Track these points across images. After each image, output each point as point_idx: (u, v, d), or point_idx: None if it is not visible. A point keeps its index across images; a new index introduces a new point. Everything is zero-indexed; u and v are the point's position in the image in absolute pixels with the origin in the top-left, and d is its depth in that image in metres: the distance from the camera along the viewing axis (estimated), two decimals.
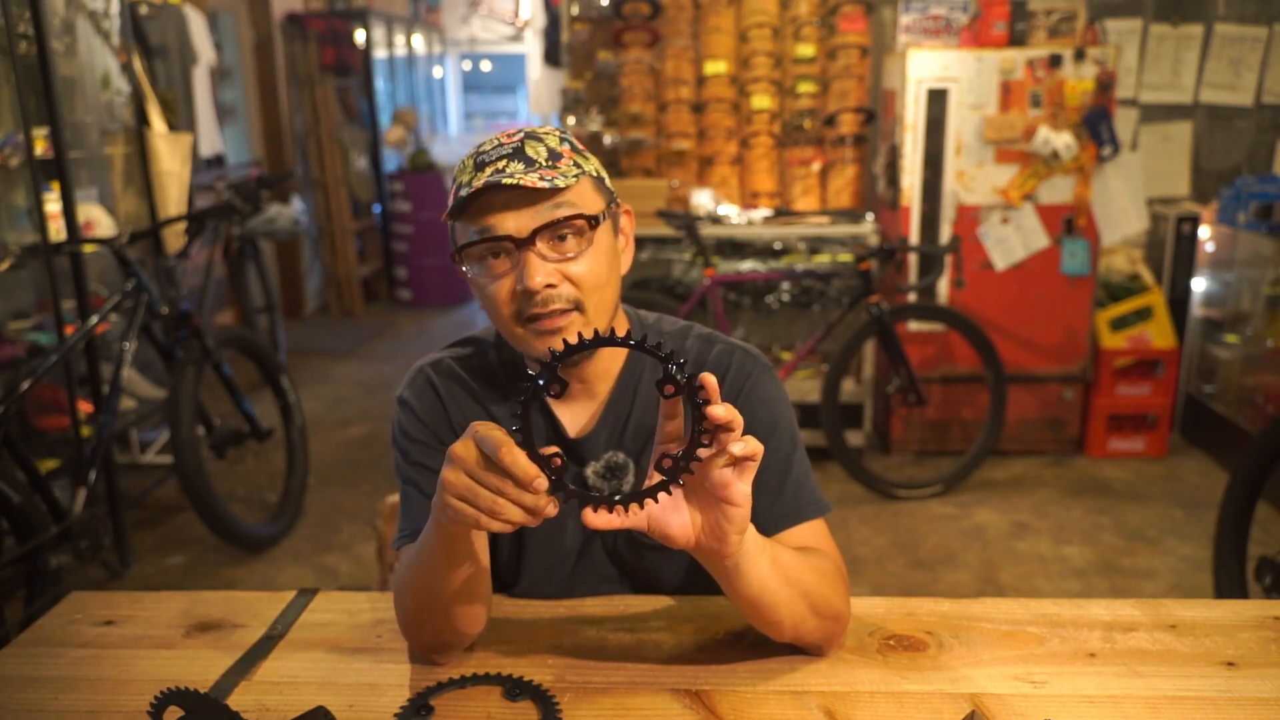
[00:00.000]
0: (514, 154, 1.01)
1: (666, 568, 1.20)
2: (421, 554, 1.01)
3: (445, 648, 1.07)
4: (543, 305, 1.01)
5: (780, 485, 1.11)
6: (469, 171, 1.02)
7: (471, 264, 1.04)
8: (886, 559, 3.13)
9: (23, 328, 3.09)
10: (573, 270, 1.02)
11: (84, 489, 2.68)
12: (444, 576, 1.00)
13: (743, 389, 1.14)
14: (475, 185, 0.99)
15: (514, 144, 1.02)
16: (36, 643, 1.16)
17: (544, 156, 1.02)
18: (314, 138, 6.29)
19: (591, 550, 1.18)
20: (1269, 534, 3.13)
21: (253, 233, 4.68)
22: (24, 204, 2.99)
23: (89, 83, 3.33)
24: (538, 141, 1.03)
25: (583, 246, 1.02)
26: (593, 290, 1.03)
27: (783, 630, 1.03)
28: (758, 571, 0.96)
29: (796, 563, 1.01)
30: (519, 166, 1.00)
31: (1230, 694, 1.00)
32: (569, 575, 1.19)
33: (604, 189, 1.08)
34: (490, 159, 1.01)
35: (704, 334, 1.20)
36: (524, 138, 1.04)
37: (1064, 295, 3.77)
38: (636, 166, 4.26)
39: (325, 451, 4.06)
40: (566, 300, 1.02)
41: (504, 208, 1.00)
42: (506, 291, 1.02)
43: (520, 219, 1.00)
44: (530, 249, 1.00)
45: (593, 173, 1.06)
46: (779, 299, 4.02)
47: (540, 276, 1.00)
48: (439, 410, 1.16)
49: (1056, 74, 3.55)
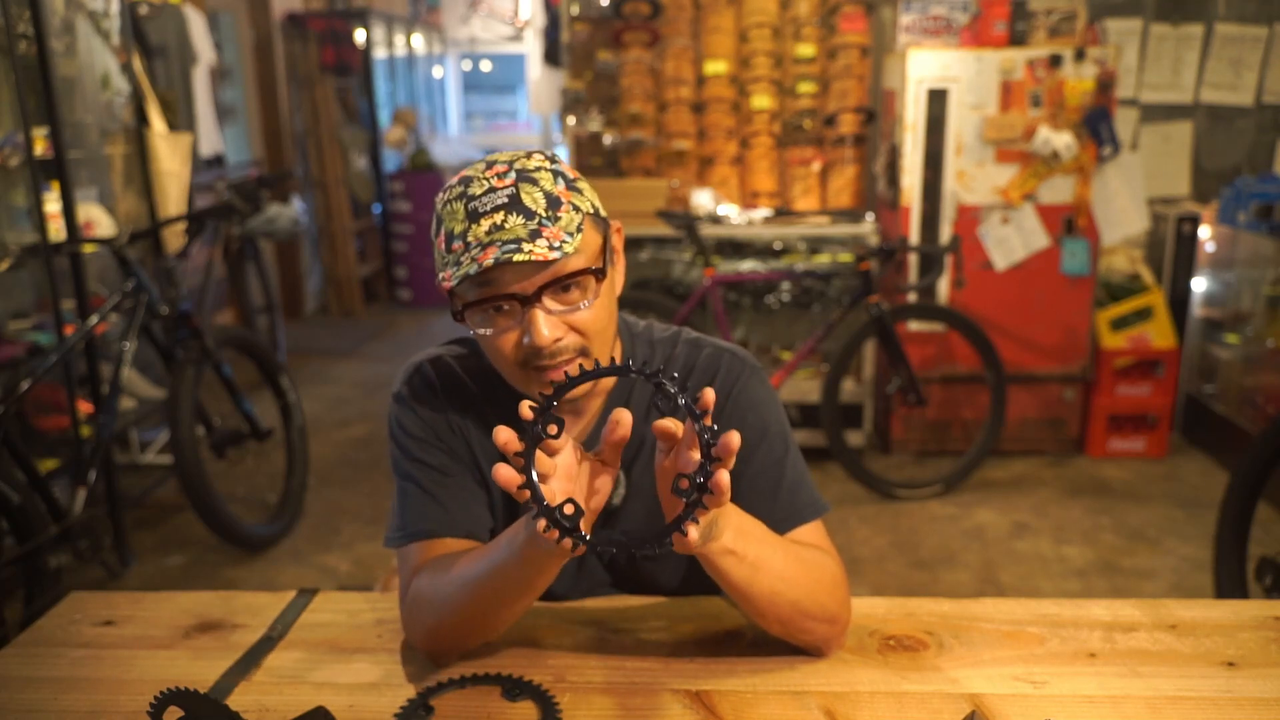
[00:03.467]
0: (510, 204, 0.97)
1: (662, 574, 1.20)
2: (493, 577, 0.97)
3: (460, 651, 1.08)
4: (550, 358, 1.01)
5: (775, 489, 1.11)
6: (461, 220, 0.98)
7: (475, 319, 1.02)
8: (886, 559, 3.13)
9: (22, 328, 3.08)
10: (578, 320, 1.01)
11: (84, 489, 2.67)
12: (519, 594, 0.98)
13: (731, 392, 1.14)
14: (480, 258, 0.95)
15: (508, 190, 0.97)
16: (36, 643, 1.16)
17: (543, 206, 0.97)
18: (314, 138, 6.28)
19: (589, 561, 1.19)
20: (1269, 534, 3.12)
21: (253, 233, 4.67)
22: (24, 204, 2.99)
23: (89, 83, 3.33)
24: (532, 185, 0.98)
25: (588, 297, 1.02)
26: (597, 335, 1.03)
27: (770, 625, 1.04)
28: (735, 571, 0.96)
29: (788, 567, 1.00)
30: (518, 222, 0.96)
31: (1230, 694, 1.00)
32: (567, 583, 1.19)
33: (599, 221, 1.05)
34: (484, 209, 0.97)
35: (691, 339, 1.19)
36: (516, 180, 0.98)
37: (1064, 295, 3.77)
38: (636, 166, 4.26)
39: (325, 451, 4.06)
40: (572, 350, 1.02)
41: (507, 266, 0.97)
42: (511, 345, 1.01)
43: (525, 277, 0.98)
44: (537, 305, 0.99)
45: (589, 210, 1.02)
46: (779, 299, 4.02)
47: (548, 331, 0.99)
48: (437, 406, 1.15)
49: (1057, 74, 3.55)
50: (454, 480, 1.13)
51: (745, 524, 0.97)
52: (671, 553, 1.14)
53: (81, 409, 2.95)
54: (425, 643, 1.07)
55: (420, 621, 1.06)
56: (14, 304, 3.12)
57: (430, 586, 1.04)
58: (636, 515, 1.15)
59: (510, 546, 0.94)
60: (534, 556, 0.92)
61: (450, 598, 1.02)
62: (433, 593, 1.04)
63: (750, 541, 0.96)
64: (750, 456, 1.11)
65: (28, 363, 2.82)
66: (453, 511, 1.12)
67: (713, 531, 0.90)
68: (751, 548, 0.96)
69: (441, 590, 1.03)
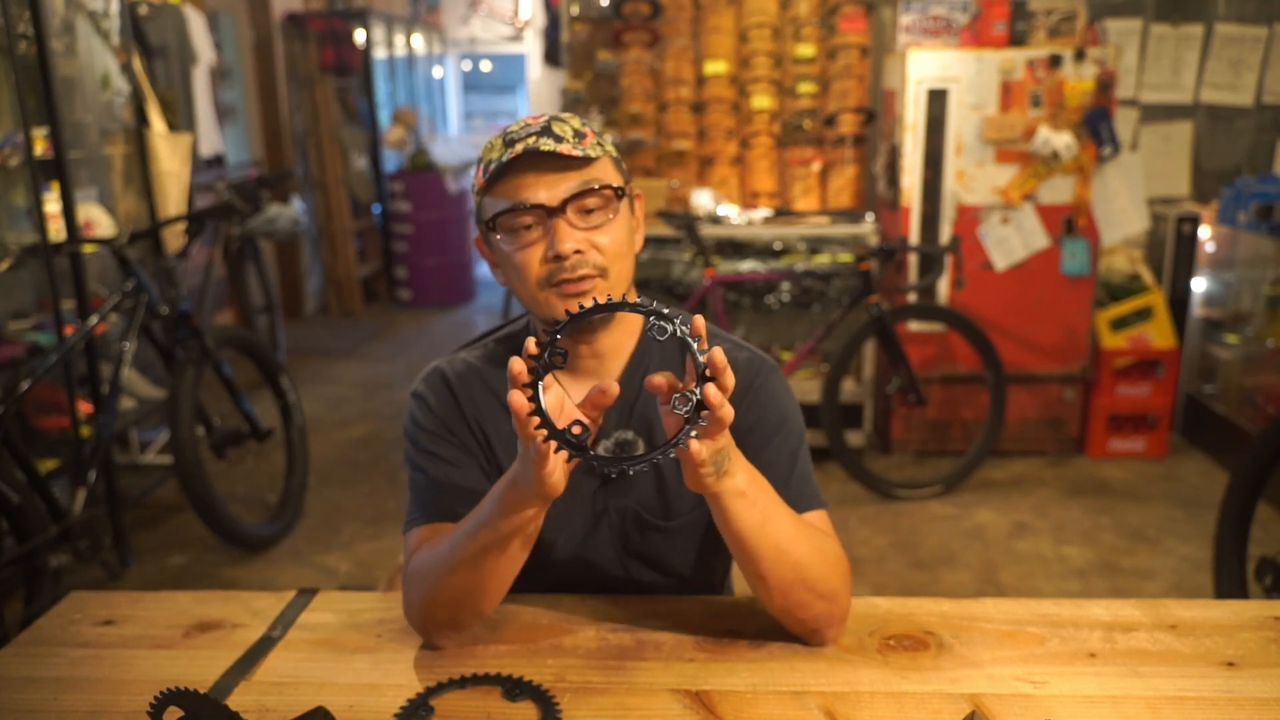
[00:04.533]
0: (542, 131, 1.07)
1: (672, 549, 1.21)
2: (479, 533, 1.02)
3: (456, 627, 1.10)
4: (571, 270, 1.07)
5: (787, 477, 1.14)
6: (499, 149, 1.08)
7: (503, 233, 1.09)
8: (886, 559, 3.13)
9: (22, 328, 3.08)
10: (599, 239, 1.08)
11: (84, 489, 2.67)
12: (500, 550, 1.02)
13: (752, 385, 1.18)
14: (512, 151, 1.05)
15: (541, 124, 1.08)
16: (36, 643, 1.16)
17: (570, 134, 1.08)
18: (314, 138, 6.28)
19: (599, 532, 1.19)
20: (1269, 534, 3.12)
21: (253, 233, 4.67)
22: (24, 204, 2.99)
23: (89, 83, 3.33)
24: (562, 122, 1.09)
25: (609, 216, 1.09)
26: (616, 258, 1.09)
27: (771, 594, 1.05)
28: (745, 516, 1.00)
29: (794, 529, 1.04)
30: (549, 141, 1.06)
31: (1230, 694, 1.00)
32: (576, 556, 1.20)
33: (622, 170, 1.15)
34: (519, 136, 1.07)
35: (710, 331, 1.21)
36: (549, 119, 1.09)
37: (1064, 295, 3.77)
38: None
39: (325, 451, 4.06)
40: (593, 266, 1.08)
41: (535, 180, 1.06)
42: (536, 258, 1.08)
43: (552, 189, 1.06)
44: (561, 217, 1.06)
45: (612, 154, 1.13)
46: (779, 299, 4.02)
47: (570, 243, 1.06)
48: (451, 403, 1.19)
49: (1056, 74, 3.55)
50: (461, 471, 1.17)
51: (758, 475, 1.02)
52: (681, 525, 1.17)
53: (81, 409, 2.95)
54: (420, 619, 1.10)
55: (415, 597, 1.10)
56: (14, 304, 3.12)
57: (424, 561, 1.09)
58: (650, 483, 1.18)
59: (493, 499, 1.01)
60: (515, 501, 0.97)
61: (441, 563, 1.06)
62: (426, 566, 1.09)
63: (761, 490, 1.01)
64: (766, 443, 1.15)
65: (28, 363, 2.82)
66: (457, 499, 1.14)
67: (725, 465, 0.95)
68: (762, 497, 1.01)
69: (434, 559, 1.08)
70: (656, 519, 1.18)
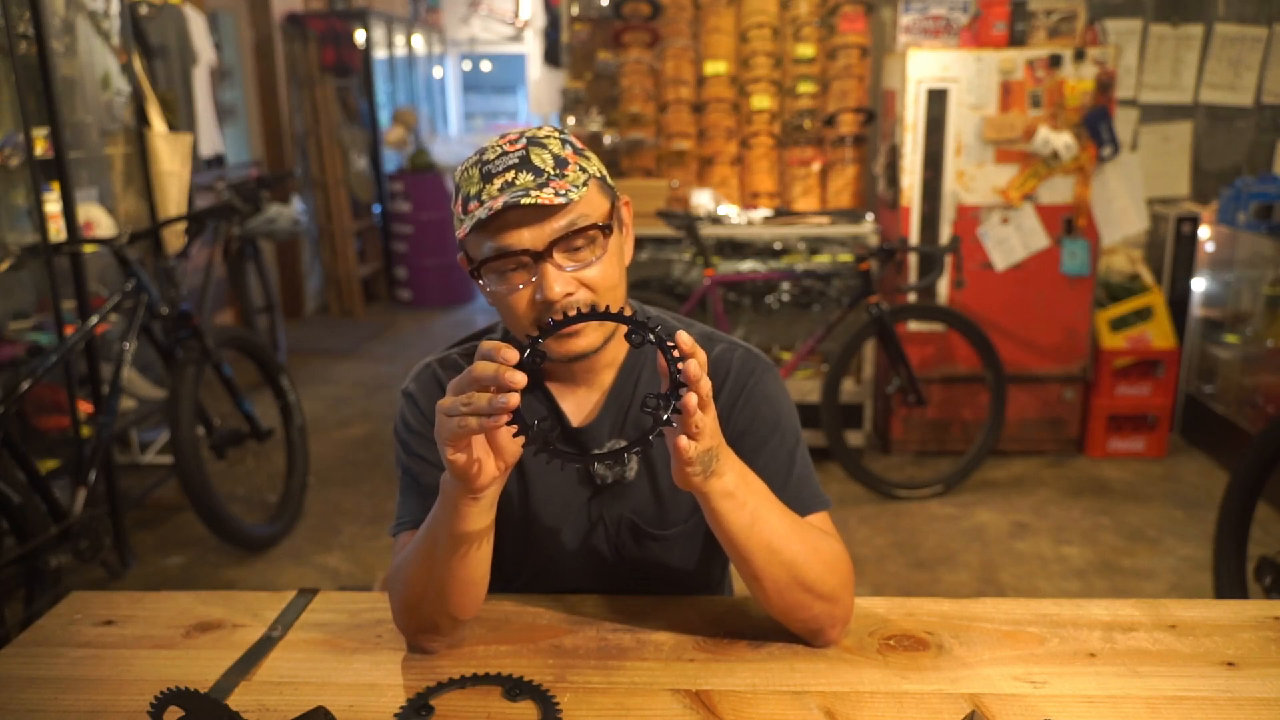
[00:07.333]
0: (521, 164, 1.02)
1: (668, 557, 1.21)
2: (430, 529, 1.04)
3: (436, 631, 1.09)
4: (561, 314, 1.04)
5: (785, 479, 1.14)
6: (476, 183, 1.03)
7: (490, 277, 1.06)
8: (886, 559, 3.13)
9: (23, 328, 3.08)
10: (588, 276, 1.05)
11: (84, 489, 2.67)
12: (450, 550, 1.02)
13: (746, 385, 1.17)
14: (491, 205, 1.00)
15: (519, 152, 1.03)
16: (36, 643, 1.16)
17: (551, 165, 1.03)
18: (314, 138, 6.28)
19: (594, 540, 1.19)
20: (1269, 534, 3.13)
21: (253, 233, 4.68)
22: (24, 204, 2.99)
23: (89, 83, 3.32)
24: (541, 148, 1.04)
25: (597, 254, 1.06)
26: (606, 291, 1.07)
27: (767, 594, 1.05)
28: (734, 517, 1.00)
29: (788, 530, 1.04)
30: (528, 178, 1.01)
31: (1230, 694, 1.00)
32: (572, 566, 1.20)
33: (607, 188, 1.10)
34: (497, 170, 1.02)
35: (705, 332, 1.22)
36: (527, 144, 1.04)
37: (1064, 295, 3.77)
38: (636, 166, 4.25)
39: (325, 451, 4.06)
40: (584, 306, 1.05)
41: (519, 223, 1.02)
42: (525, 302, 1.05)
43: (536, 233, 1.02)
44: (548, 261, 1.03)
45: (596, 174, 1.07)
46: (779, 299, 4.02)
47: (559, 287, 1.03)
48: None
49: (1056, 74, 3.55)
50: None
51: (750, 476, 1.02)
52: (678, 534, 1.16)
53: (82, 409, 2.95)
54: (401, 623, 1.11)
55: (394, 601, 1.11)
56: (14, 304, 3.12)
57: (397, 565, 1.10)
58: (645, 492, 1.18)
59: (439, 499, 1.02)
60: (451, 498, 0.98)
61: (407, 566, 1.07)
62: (398, 570, 1.10)
63: (751, 491, 1.01)
64: (762, 445, 1.15)
65: (28, 363, 2.82)
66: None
67: (713, 466, 0.95)
68: (751, 498, 1.01)
69: (404, 563, 1.09)
70: (653, 528, 1.18)
